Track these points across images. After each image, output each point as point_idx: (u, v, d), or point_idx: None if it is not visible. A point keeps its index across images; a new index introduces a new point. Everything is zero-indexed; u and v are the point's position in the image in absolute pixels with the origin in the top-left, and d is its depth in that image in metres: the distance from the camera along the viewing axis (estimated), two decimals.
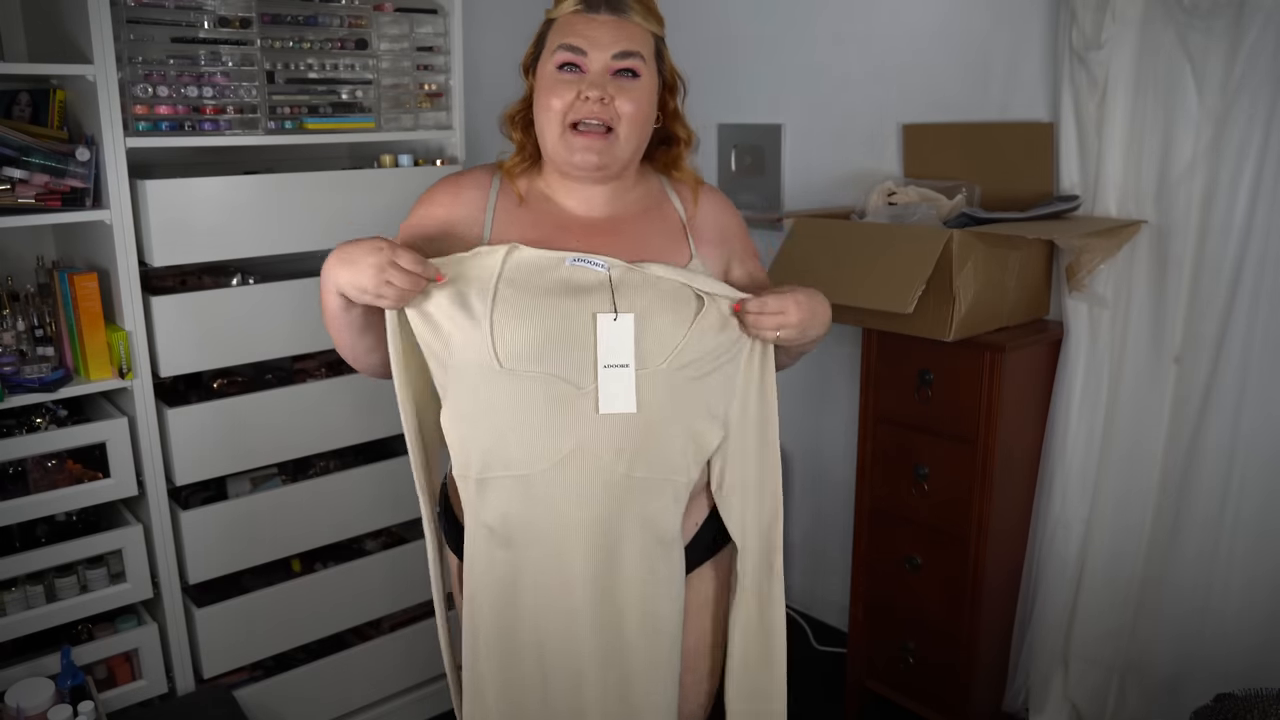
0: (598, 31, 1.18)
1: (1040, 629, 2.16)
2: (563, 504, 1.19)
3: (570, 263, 1.17)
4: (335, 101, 1.97)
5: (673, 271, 1.21)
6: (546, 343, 1.15)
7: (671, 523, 1.24)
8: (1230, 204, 1.79)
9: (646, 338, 1.17)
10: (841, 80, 2.46)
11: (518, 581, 1.24)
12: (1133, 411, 1.98)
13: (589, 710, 1.27)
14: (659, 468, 1.20)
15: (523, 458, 1.18)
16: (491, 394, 1.17)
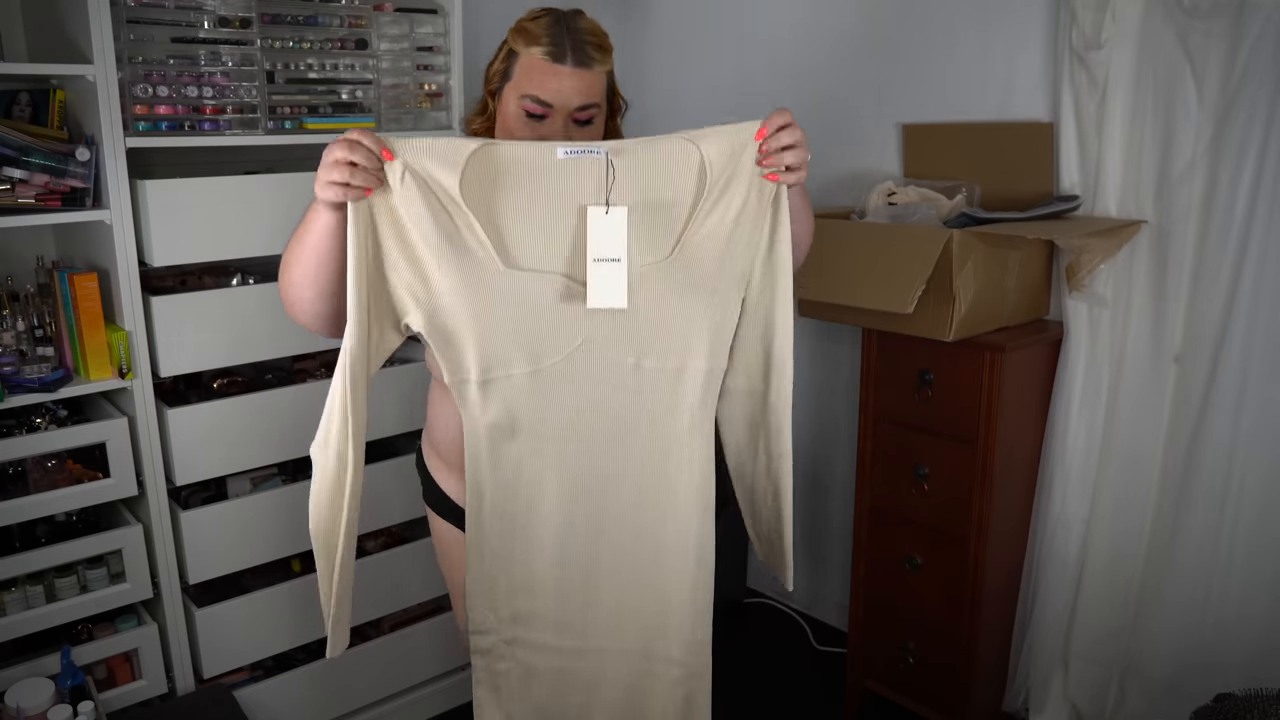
0: (562, 84, 1.24)
1: (1040, 629, 2.16)
2: (572, 398, 1.20)
3: (564, 154, 1.16)
4: (335, 101, 1.97)
5: (675, 139, 1.18)
6: (547, 241, 1.16)
7: (689, 413, 1.24)
8: (1230, 204, 1.79)
9: (648, 228, 1.17)
10: (842, 80, 2.46)
11: (529, 473, 1.23)
12: (1133, 411, 1.98)
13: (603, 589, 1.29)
14: (672, 356, 1.21)
15: (529, 355, 1.18)
16: (491, 298, 1.16)
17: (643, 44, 2.89)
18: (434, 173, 1.13)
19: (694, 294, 1.20)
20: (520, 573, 1.29)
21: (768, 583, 2.96)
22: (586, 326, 1.19)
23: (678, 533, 1.29)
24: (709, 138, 1.18)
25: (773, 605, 2.90)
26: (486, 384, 1.20)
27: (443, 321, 1.18)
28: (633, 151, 1.17)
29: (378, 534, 2.32)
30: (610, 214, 1.16)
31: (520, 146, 1.17)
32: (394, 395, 2.11)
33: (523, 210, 1.16)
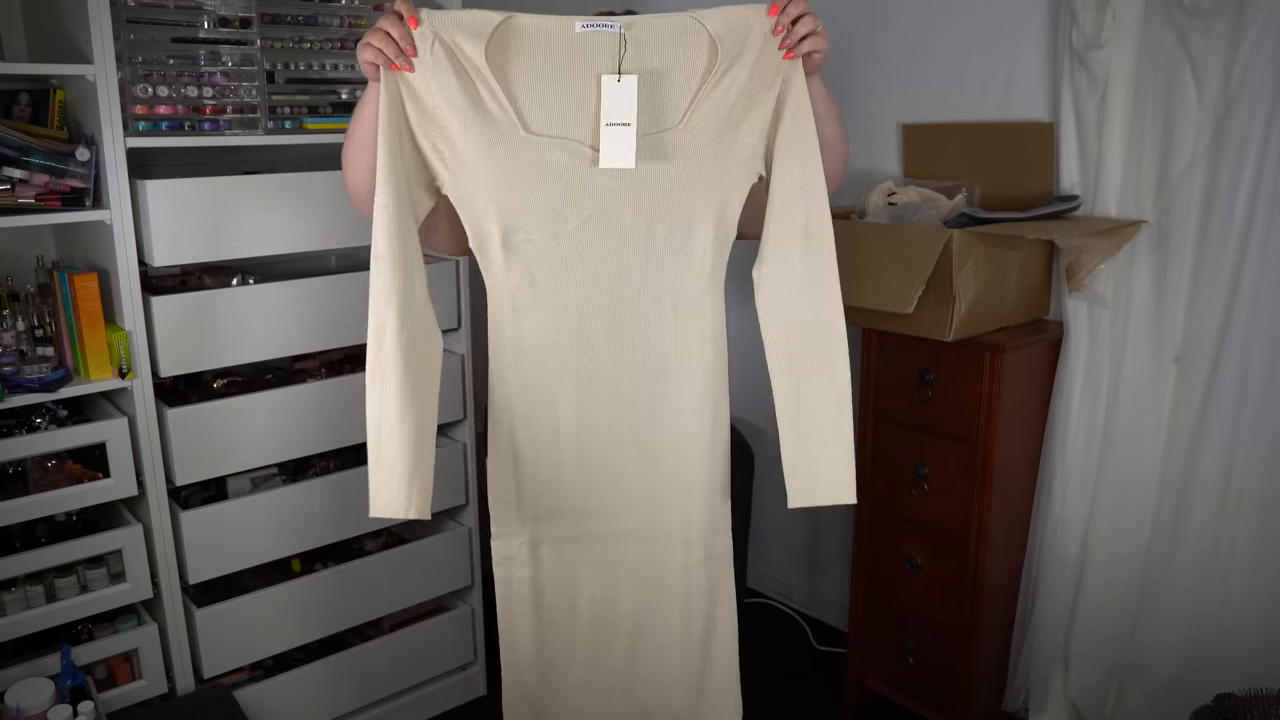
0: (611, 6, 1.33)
1: (1040, 629, 2.16)
2: (589, 259, 1.27)
3: (581, 27, 1.23)
4: (335, 101, 1.97)
5: (684, 15, 1.24)
6: (566, 109, 1.23)
7: (697, 276, 1.29)
8: (1230, 204, 1.79)
9: (659, 98, 1.24)
10: (841, 80, 2.46)
11: (547, 333, 1.30)
12: (1133, 411, 1.98)
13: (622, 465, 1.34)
14: (680, 221, 1.26)
15: (548, 218, 1.25)
16: (510, 162, 1.23)
17: None
18: (460, 42, 1.21)
19: (700, 162, 1.25)
20: (544, 457, 1.34)
21: (768, 583, 2.96)
22: (601, 191, 1.25)
23: (693, 403, 1.33)
24: (717, 15, 1.23)
25: (773, 605, 2.90)
26: (508, 246, 1.27)
27: (468, 183, 1.26)
28: (645, 25, 1.24)
29: (377, 534, 2.32)
30: (622, 82, 1.23)
31: (541, 19, 1.23)
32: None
33: (543, 79, 1.23)
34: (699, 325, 1.31)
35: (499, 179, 1.24)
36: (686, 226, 1.27)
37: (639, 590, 1.39)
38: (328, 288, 1.98)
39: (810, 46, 1.22)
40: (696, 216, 1.27)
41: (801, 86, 1.25)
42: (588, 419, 1.33)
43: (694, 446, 1.34)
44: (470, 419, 2.28)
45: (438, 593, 2.32)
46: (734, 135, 1.25)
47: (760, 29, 1.23)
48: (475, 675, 2.43)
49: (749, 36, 1.23)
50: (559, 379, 1.31)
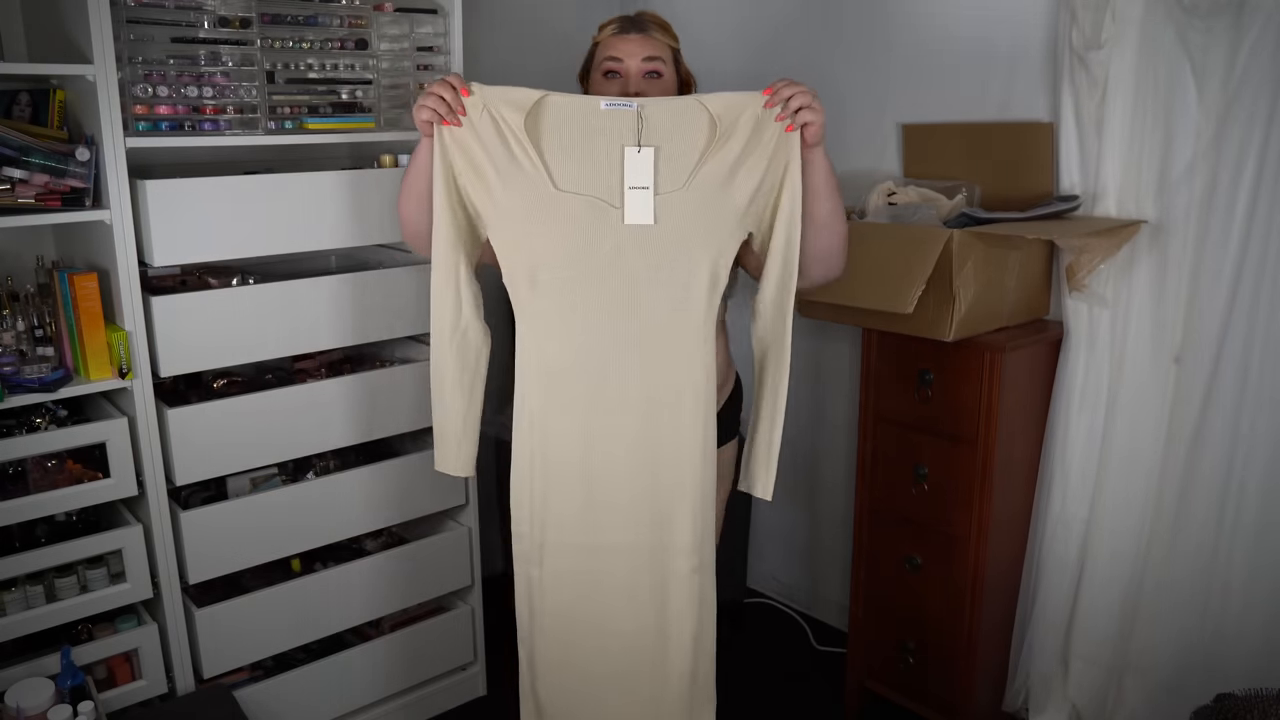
0: (631, 45, 1.58)
1: (1040, 629, 2.16)
2: (602, 298, 1.47)
3: (605, 106, 1.46)
4: (335, 101, 1.97)
5: (690, 97, 1.49)
6: (590, 172, 1.45)
7: (694, 318, 1.48)
8: (1230, 204, 1.79)
9: (667, 167, 1.45)
10: (841, 80, 2.46)
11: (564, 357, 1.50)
12: (1133, 411, 1.98)
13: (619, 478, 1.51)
14: (680, 269, 1.47)
15: (569, 261, 1.47)
16: (540, 213, 1.46)
17: None
18: (504, 112, 1.45)
19: (699, 219, 1.47)
20: (556, 470, 1.52)
21: (768, 582, 2.96)
22: (615, 240, 1.46)
23: (686, 425, 1.50)
24: (717, 99, 1.47)
25: (773, 605, 2.90)
26: (535, 283, 1.48)
27: (504, 229, 1.49)
28: (656, 105, 1.47)
29: (378, 534, 2.32)
30: (642, 153, 1.45)
31: (572, 98, 1.48)
32: (393, 397, 2.11)
33: (571, 146, 1.46)
34: (695, 358, 1.49)
35: (530, 226, 1.47)
36: (687, 273, 1.47)
37: (635, 594, 1.53)
38: (328, 288, 1.98)
39: (805, 118, 1.44)
40: (695, 264, 1.46)
41: (797, 157, 1.46)
42: (595, 438, 1.50)
43: (688, 467, 1.50)
44: None
45: (438, 593, 2.32)
46: (726, 198, 1.46)
47: (751, 111, 1.46)
48: (475, 675, 2.43)
49: (741, 117, 1.46)
50: (572, 401, 1.50)
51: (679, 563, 1.51)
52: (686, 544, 1.51)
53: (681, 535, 1.51)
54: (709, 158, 1.46)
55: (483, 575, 2.38)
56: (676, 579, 1.52)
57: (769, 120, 1.46)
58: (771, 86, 1.47)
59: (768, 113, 1.46)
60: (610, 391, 1.49)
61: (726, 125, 1.45)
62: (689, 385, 1.49)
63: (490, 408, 2.43)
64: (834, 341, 2.61)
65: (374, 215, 1.99)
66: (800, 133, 1.46)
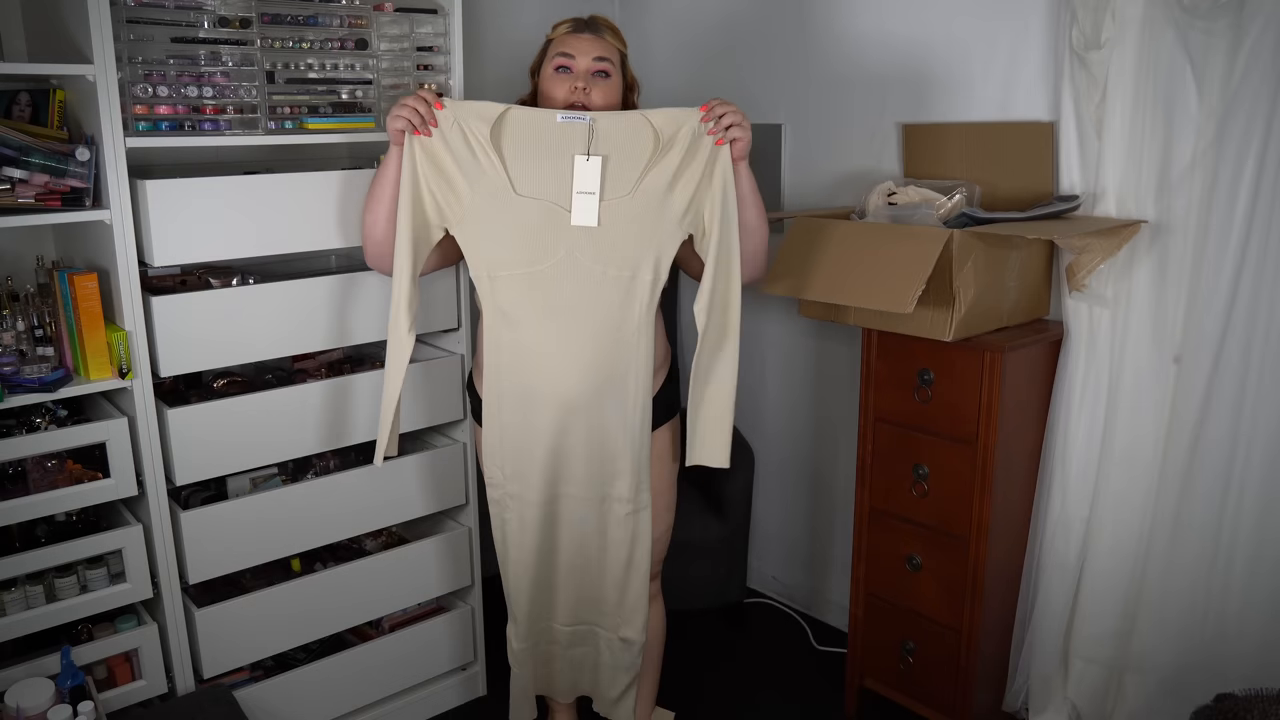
0: (583, 44, 1.72)
1: (1040, 629, 2.16)
2: (556, 293, 1.65)
3: (560, 119, 1.64)
4: (335, 101, 1.97)
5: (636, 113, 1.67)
6: (547, 178, 1.63)
7: (638, 310, 1.67)
8: (1230, 203, 1.79)
9: (613, 175, 1.64)
10: (841, 80, 2.46)
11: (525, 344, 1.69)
12: (1133, 411, 1.98)
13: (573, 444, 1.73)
14: (626, 268, 1.65)
15: (528, 259, 1.65)
16: (504, 215, 1.65)
17: (641, 44, 2.89)
18: (472, 123, 1.64)
19: (642, 223, 1.66)
20: (516, 435, 1.74)
21: (768, 583, 2.96)
22: (568, 241, 1.64)
23: (629, 403, 1.72)
24: (659, 114, 1.65)
25: (773, 605, 2.90)
26: (494, 279, 1.67)
27: (469, 228, 1.68)
28: (607, 119, 1.65)
29: (378, 534, 2.32)
30: (590, 161, 1.63)
31: (531, 111, 1.66)
32: None
33: (529, 155, 1.64)
34: (638, 345, 1.69)
35: (493, 227, 1.66)
36: (632, 270, 1.65)
37: (581, 533, 1.81)
38: (328, 288, 1.98)
39: (734, 135, 1.64)
40: (639, 263, 1.66)
41: (728, 167, 1.66)
42: (551, 411, 1.71)
43: (628, 435, 1.74)
44: (470, 419, 2.27)
45: (438, 593, 2.32)
46: (667, 204, 1.65)
47: (689, 125, 1.64)
48: (475, 675, 2.43)
49: (680, 130, 1.64)
50: (530, 379, 1.70)
51: (618, 507, 1.78)
52: (624, 494, 1.77)
53: (619, 489, 1.77)
54: (652, 167, 1.64)
55: (483, 575, 2.38)
56: (615, 518, 1.79)
57: (704, 134, 1.64)
58: (707, 104, 1.64)
59: (704, 126, 1.64)
60: (562, 375, 1.68)
61: (667, 137, 1.64)
62: (633, 369, 1.70)
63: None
64: (834, 341, 2.61)
65: None
66: (729, 146, 1.65)
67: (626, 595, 1.86)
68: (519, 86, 1.89)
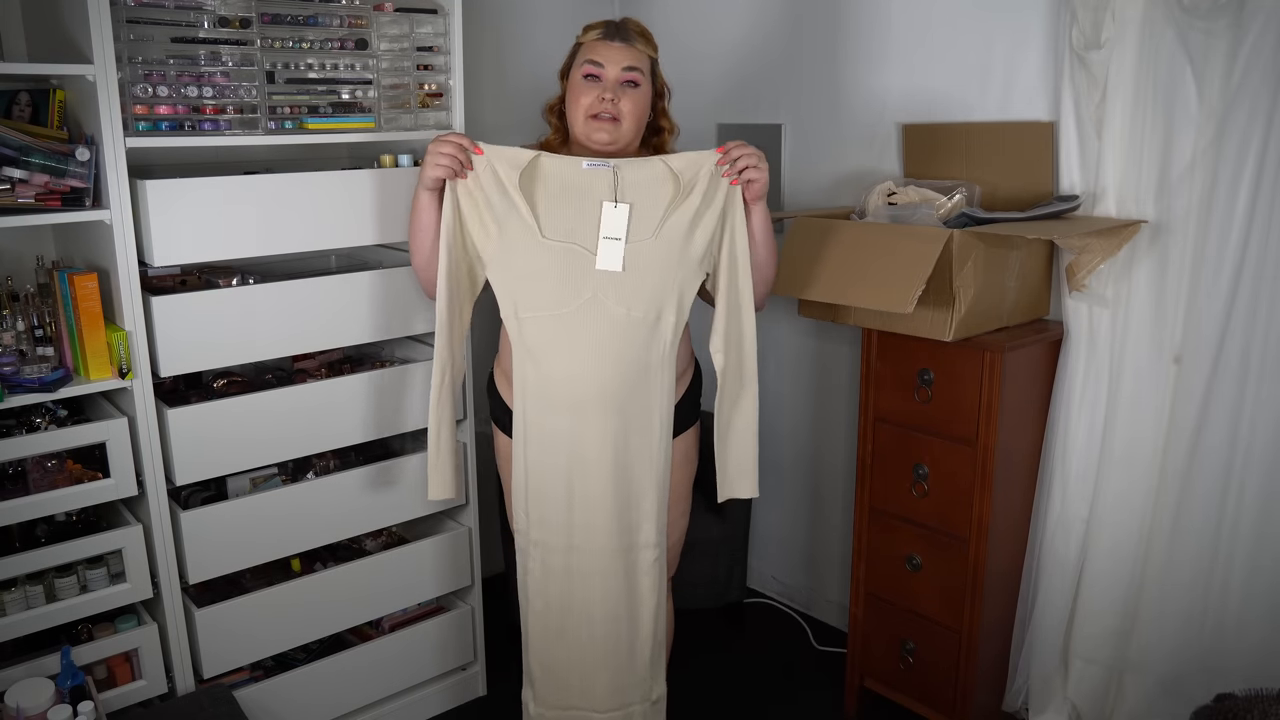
0: (613, 53, 1.71)
1: (1040, 629, 2.16)
2: (581, 334, 1.67)
3: (586, 166, 1.67)
4: (335, 101, 1.96)
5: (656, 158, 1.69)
6: (573, 223, 1.66)
7: (661, 352, 1.70)
8: (1230, 203, 1.79)
9: (637, 220, 1.66)
10: (841, 80, 2.46)
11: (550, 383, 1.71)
12: (1133, 411, 1.98)
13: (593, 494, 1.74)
14: (651, 309, 1.68)
15: (553, 302, 1.67)
16: (532, 258, 1.67)
17: None
18: (503, 169, 1.66)
19: (665, 266, 1.68)
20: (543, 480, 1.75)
21: (768, 583, 2.96)
22: (594, 284, 1.66)
23: (651, 447, 1.73)
24: (678, 159, 1.69)
25: (773, 605, 2.90)
26: (522, 320, 1.70)
27: (499, 269, 1.71)
28: (630, 167, 1.67)
29: (378, 534, 2.32)
30: (618, 208, 1.66)
31: (558, 158, 1.68)
32: (393, 397, 2.11)
33: (557, 200, 1.67)
34: (658, 387, 1.72)
35: (521, 270, 1.68)
36: (657, 312, 1.68)
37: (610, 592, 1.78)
38: (328, 288, 1.98)
39: (749, 176, 1.67)
40: (663, 305, 1.68)
41: (739, 208, 1.69)
42: (576, 459, 1.72)
43: (652, 478, 1.75)
44: (471, 419, 2.28)
45: (438, 593, 2.32)
46: (689, 245, 1.67)
47: (708, 167, 1.67)
48: (475, 675, 2.43)
49: (699, 172, 1.67)
50: (557, 419, 1.71)
51: (643, 555, 1.78)
52: (650, 541, 1.77)
53: (646, 535, 1.77)
54: (673, 210, 1.66)
55: (483, 575, 2.38)
56: (643, 568, 1.78)
57: (720, 176, 1.67)
58: (724, 147, 1.67)
59: (720, 169, 1.67)
60: (588, 415, 1.69)
61: (687, 180, 1.67)
62: (657, 408, 1.72)
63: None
64: (834, 341, 2.61)
65: (374, 215, 1.99)
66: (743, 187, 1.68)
67: (655, 645, 1.84)
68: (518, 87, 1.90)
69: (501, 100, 2.66)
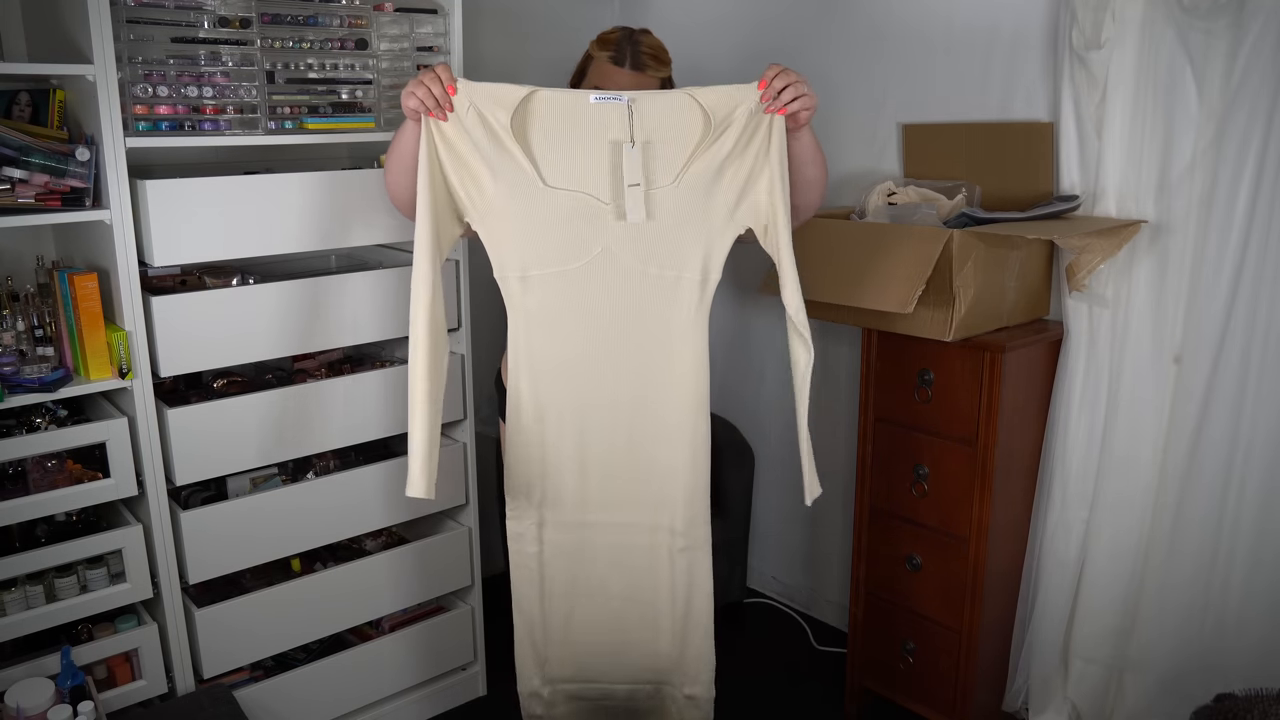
0: (621, 82, 1.60)
1: (1040, 629, 2.16)
2: (593, 295, 1.50)
3: (595, 99, 1.45)
4: (335, 101, 1.97)
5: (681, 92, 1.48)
6: (580, 168, 1.46)
7: (685, 312, 1.52)
8: (1230, 203, 1.79)
9: (657, 161, 1.46)
10: (841, 80, 2.46)
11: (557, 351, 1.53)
12: (1133, 411, 1.98)
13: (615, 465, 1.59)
14: (671, 265, 1.50)
15: (560, 258, 1.49)
16: (531, 209, 1.47)
17: None
18: (491, 108, 1.45)
19: (689, 217, 1.48)
20: (551, 454, 1.59)
21: (768, 583, 2.96)
22: (605, 237, 1.48)
23: (677, 418, 1.56)
24: (710, 93, 1.47)
25: (773, 605, 2.90)
26: (525, 279, 1.51)
27: (494, 223, 1.51)
28: (647, 99, 1.46)
29: (378, 534, 2.32)
30: (635, 147, 1.46)
31: (560, 92, 1.46)
32: (393, 397, 2.11)
33: (559, 141, 1.46)
34: (683, 354, 1.54)
35: (520, 223, 1.49)
36: (676, 270, 1.50)
37: (627, 569, 1.64)
38: (328, 288, 1.98)
39: (797, 106, 1.46)
40: (684, 262, 1.50)
41: (783, 143, 1.48)
42: (588, 426, 1.56)
43: (678, 455, 1.57)
44: (470, 419, 2.27)
45: (438, 593, 2.32)
46: (715, 194, 1.48)
47: (746, 105, 1.46)
48: (475, 675, 2.43)
49: (736, 110, 1.46)
50: (565, 390, 1.55)
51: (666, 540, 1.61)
52: (677, 526, 1.60)
53: (671, 517, 1.60)
54: (700, 154, 1.47)
55: (483, 575, 2.38)
56: (664, 554, 1.62)
57: (761, 112, 1.47)
58: (765, 78, 1.46)
59: (762, 105, 1.46)
60: (601, 386, 1.54)
61: (720, 118, 1.46)
62: (679, 378, 1.54)
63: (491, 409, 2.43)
64: (834, 341, 2.61)
65: (374, 215, 1.99)
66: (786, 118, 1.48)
67: (688, 649, 1.67)
68: None
69: None
